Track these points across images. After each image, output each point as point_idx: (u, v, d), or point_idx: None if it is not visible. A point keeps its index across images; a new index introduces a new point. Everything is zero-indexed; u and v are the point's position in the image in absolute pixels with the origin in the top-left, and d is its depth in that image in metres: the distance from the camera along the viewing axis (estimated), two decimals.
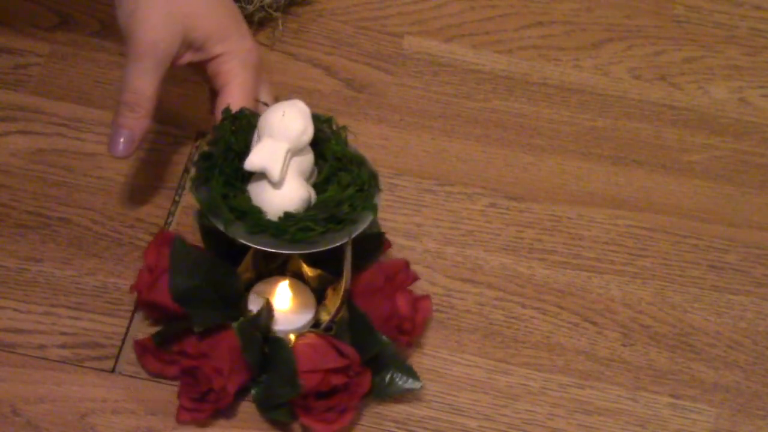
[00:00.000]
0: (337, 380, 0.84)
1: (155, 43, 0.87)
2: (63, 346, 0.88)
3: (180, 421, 0.85)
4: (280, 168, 0.81)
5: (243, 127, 0.85)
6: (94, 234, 0.93)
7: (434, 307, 0.92)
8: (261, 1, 1.03)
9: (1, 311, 0.89)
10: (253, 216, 0.82)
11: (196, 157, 0.87)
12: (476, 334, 0.92)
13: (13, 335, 0.89)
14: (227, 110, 0.86)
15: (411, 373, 0.87)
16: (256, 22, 1.05)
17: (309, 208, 0.83)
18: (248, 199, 0.83)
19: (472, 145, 1.01)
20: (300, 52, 1.04)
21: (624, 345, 0.92)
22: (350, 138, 0.86)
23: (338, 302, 0.87)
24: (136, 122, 0.88)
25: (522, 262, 0.95)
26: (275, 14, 1.04)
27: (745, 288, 0.95)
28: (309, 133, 0.83)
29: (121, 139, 0.88)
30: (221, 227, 0.82)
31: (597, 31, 1.08)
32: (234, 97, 0.89)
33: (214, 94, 0.92)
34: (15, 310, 0.90)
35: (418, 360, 0.89)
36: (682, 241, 0.97)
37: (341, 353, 0.84)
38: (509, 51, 1.06)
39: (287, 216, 0.82)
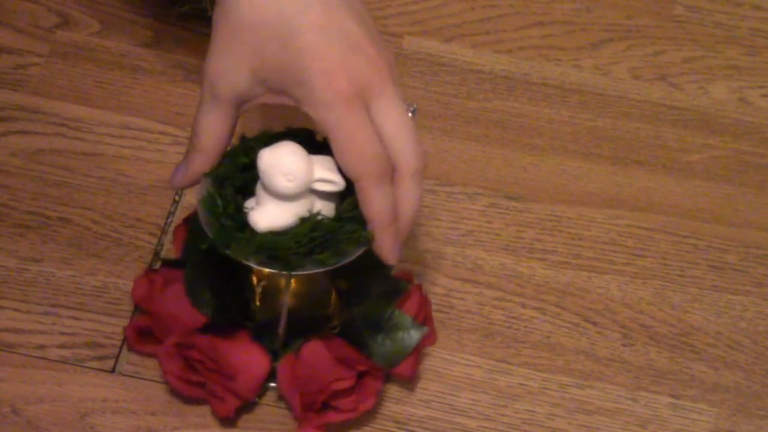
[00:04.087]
0: (341, 386, 0.84)
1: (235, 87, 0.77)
2: (63, 346, 0.88)
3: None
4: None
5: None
6: (94, 234, 0.93)
7: (434, 307, 0.92)
8: None
9: (1, 311, 0.89)
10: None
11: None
12: (476, 334, 0.92)
13: (13, 335, 0.89)
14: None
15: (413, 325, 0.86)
16: None
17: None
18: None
19: (472, 145, 1.01)
20: None
21: (624, 345, 0.92)
22: None
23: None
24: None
25: (522, 262, 0.95)
26: None
27: (745, 288, 0.95)
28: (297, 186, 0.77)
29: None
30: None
31: (597, 31, 1.08)
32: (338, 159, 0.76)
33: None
34: (15, 310, 0.90)
35: (418, 360, 0.89)
36: (682, 241, 0.97)
37: (346, 363, 0.84)
38: (509, 51, 1.06)
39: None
